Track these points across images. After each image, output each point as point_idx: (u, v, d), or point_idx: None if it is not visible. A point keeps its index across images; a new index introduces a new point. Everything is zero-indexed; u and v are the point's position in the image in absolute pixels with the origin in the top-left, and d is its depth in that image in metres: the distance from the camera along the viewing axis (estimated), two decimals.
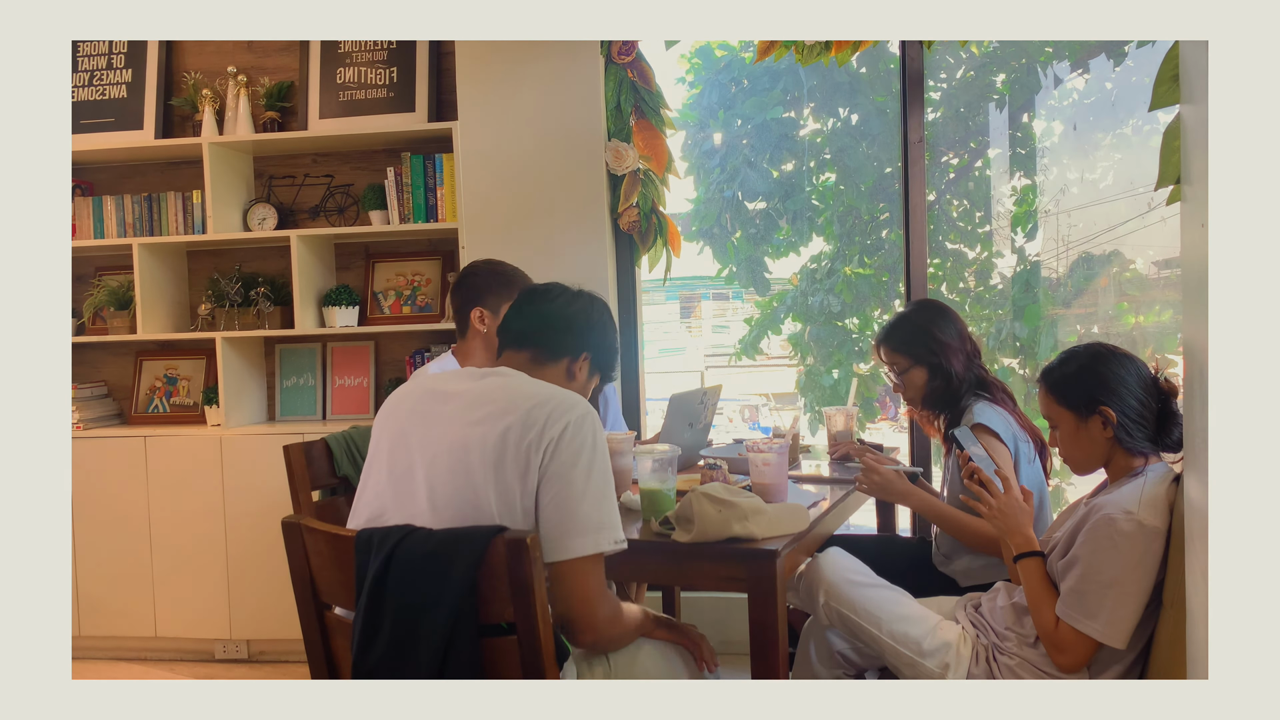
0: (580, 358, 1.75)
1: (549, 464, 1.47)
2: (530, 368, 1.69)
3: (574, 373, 1.75)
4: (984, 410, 2.25)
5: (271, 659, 3.42)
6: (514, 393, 1.55)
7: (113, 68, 3.65)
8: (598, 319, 1.79)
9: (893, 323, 2.42)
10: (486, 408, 1.53)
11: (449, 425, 1.54)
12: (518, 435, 1.48)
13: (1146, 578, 1.69)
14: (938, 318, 2.38)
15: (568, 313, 1.75)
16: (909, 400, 2.44)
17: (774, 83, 4.91)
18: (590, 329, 1.76)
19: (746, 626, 1.82)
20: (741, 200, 5.02)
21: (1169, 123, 1.40)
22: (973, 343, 2.40)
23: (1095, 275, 4.28)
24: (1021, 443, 2.26)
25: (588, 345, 1.76)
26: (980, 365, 2.40)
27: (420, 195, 3.37)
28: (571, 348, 1.74)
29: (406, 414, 1.62)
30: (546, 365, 1.71)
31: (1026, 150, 4.59)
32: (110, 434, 3.46)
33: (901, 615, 1.94)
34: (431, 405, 1.59)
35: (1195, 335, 1.27)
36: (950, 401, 2.34)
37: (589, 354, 1.76)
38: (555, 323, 1.73)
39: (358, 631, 1.41)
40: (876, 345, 2.45)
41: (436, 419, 1.57)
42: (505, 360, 1.72)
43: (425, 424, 1.57)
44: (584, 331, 1.75)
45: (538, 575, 1.37)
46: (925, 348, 2.34)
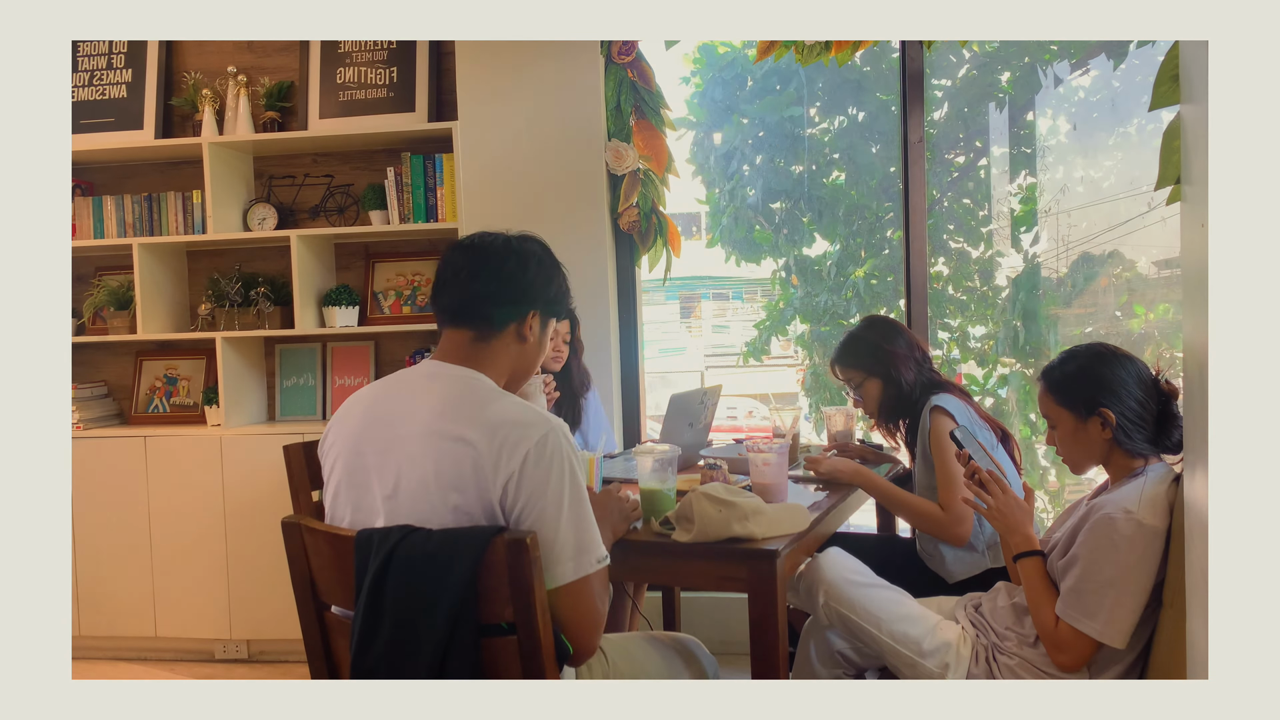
0: (527, 317, 1.61)
1: (515, 499, 1.42)
2: (475, 348, 1.58)
3: (524, 334, 1.61)
4: (942, 397, 2.33)
5: (271, 659, 3.42)
6: (471, 417, 1.45)
7: (113, 68, 3.65)
8: (535, 268, 1.62)
9: (844, 341, 2.52)
10: (442, 426, 1.45)
11: (405, 444, 1.47)
12: (474, 469, 1.42)
13: (1146, 577, 1.69)
14: (886, 330, 2.49)
15: (501, 277, 1.59)
16: (869, 414, 2.52)
17: (780, 81, 4.91)
18: (530, 284, 1.61)
19: (746, 626, 1.82)
20: (765, 202, 5.03)
21: (1169, 122, 1.40)
22: (922, 350, 2.49)
23: (1096, 275, 4.28)
24: (980, 429, 2.32)
25: (531, 301, 1.61)
26: (932, 369, 2.49)
27: (420, 195, 3.37)
28: (514, 312, 1.60)
29: (359, 428, 1.54)
30: (492, 340, 1.59)
31: (1029, 150, 4.59)
32: (110, 434, 3.46)
33: (901, 615, 1.94)
34: (384, 425, 1.52)
35: (1195, 335, 1.27)
36: (907, 407, 2.43)
37: (535, 309, 1.62)
38: (490, 294, 1.58)
39: (357, 631, 1.41)
40: (832, 365, 2.55)
41: (392, 437, 1.49)
42: (446, 340, 1.60)
43: (380, 443, 1.50)
44: (524, 290, 1.60)
45: (538, 575, 1.37)
46: (875, 359, 2.44)
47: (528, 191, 3.27)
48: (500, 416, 1.46)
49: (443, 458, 1.44)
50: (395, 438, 1.49)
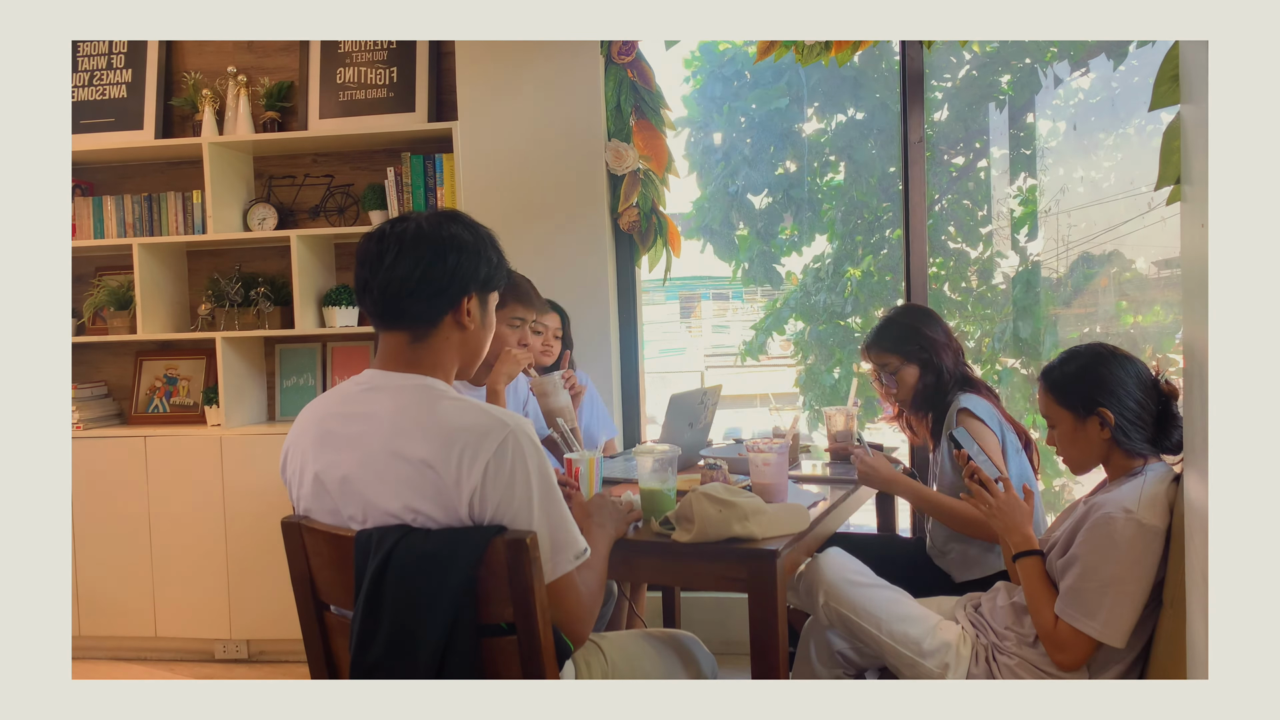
0: (461, 303, 1.50)
1: (483, 511, 1.39)
2: (414, 351, 1.50)
3: (463, 323, 1.51)
4: (970, 399, 2.32)
5: (271, 659, 3.42)
6: (424, 432, 1.40)
7: (113, 68, 3.65)
8: (454, 254, 1.48)
9: (881, 325, 2.49)
10: (397, 446, 1.41)
11: (363, 471, 1.44)
12: (436, 491, 1.39)
13: (1145, 577, 1.69)
14: (925, 317, 2.47)
15: (421, 270, 1.46)
16: (900, 400, 2.50)
17: (778, 77, 4.90)
18: (456, 269, 1.48)
19: (746, 626, 1.82)
20: (747, 197, 5.01)
21: (1169, 123, 1.40)
22: (958, 342, 2.48)
23: (1095, 275, 4.28)
24: (1008, 432, 2.32)
25: (462, 285, 1.49)
26: (965, 364, 2.47)
27: (420, 195, 3.37)
28: (445, 301, 1.49)
29: (313, 457, 1.50)
30: (430, 338, 1.49)
31: (1029, 151, 4.59)
32: (110, 434, 3.46)
33: (901, 615, 1.94)
34: (336, 450, 1.47)
35: (1195, 335, 1.27)
36: (939, 398, 2.41)
37: (470, 290, 1.51)
38: (413, 290, 1.46)
39: (356, 631, 1.41)
40: (866, 348, 2.52)
41: (350, 465, 1.45)
42: (384, 344, 1.52)
43: (338, 471, 1.46)
44: (450, 278, 1.48)
45: (537, 575, 1.37)
46: (916, 345, 2.41)
47: (528, 191, 3.27)
48: (454, 425, 1.39)
49: (402, 484, 1.40)
50: (353, 465, 1.45)
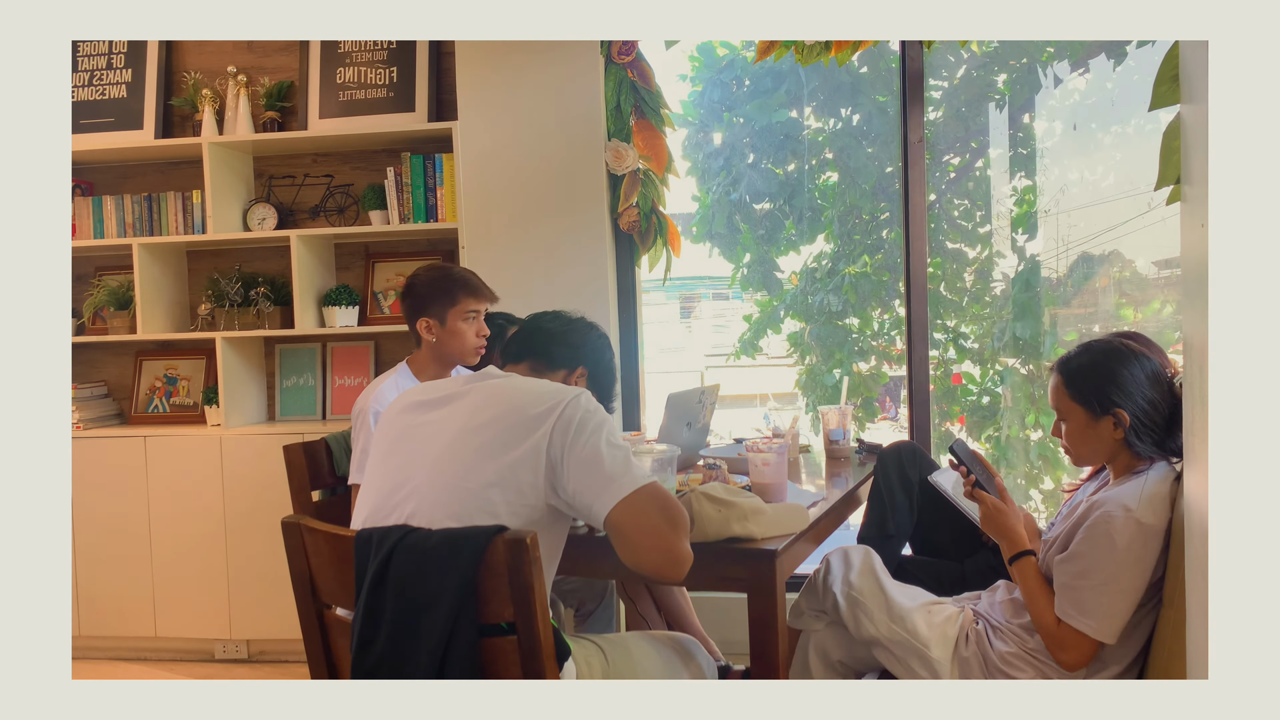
0: (576, 371, 1.85)
1: (557, 449, 1.49)
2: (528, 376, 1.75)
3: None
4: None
5: (271, 659, 3.42)
6: (510, 390, 1.60)
7: (113, 68, 3.65)
8: (594, 338, 1.90)
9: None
10: (486, 410, 1.56)
11: (446, 424, 1.57)
12: (517, 429, 1.50)
13: (1141, 576, 1.69)
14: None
15: (564, 329, 1.87)
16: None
17: (777, 83, 4.90)
18: (585, 344, 1.87)
19: (746, 626, 1.82)
20: (749, 202, 5.01)
21: (1169, 123, 1.40)
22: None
23: (1095, 275, 4.28)
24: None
25: (583, 359, 1.86)
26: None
27: (420, 195, 3.37)
28: (567, 360, 1.84)
29: (402, 416, 1.65)
30: (544, 376, 1.78)
31: (1027, 150, 4.59)
32: (110, 434, 3.46)
33: (909, 597, 1.96)
34: (429, 409, 1.62)
35: (1195, 335, 1.27)
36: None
37: (585, 368, 1.86)
38: (552, 336, 1.85)
39: (357, 631, 1.41)
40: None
41: (434, 419, 1.59)
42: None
43: (423, 425, 1.60)
44: (579, 346, 1.86)
45: (538, 575, 1.37)
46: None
47: (528, 191, 3.27)
48: (538, 385, 1.60)
49: (488, 421, 1.54)
50: (437, 416, 1.61)
